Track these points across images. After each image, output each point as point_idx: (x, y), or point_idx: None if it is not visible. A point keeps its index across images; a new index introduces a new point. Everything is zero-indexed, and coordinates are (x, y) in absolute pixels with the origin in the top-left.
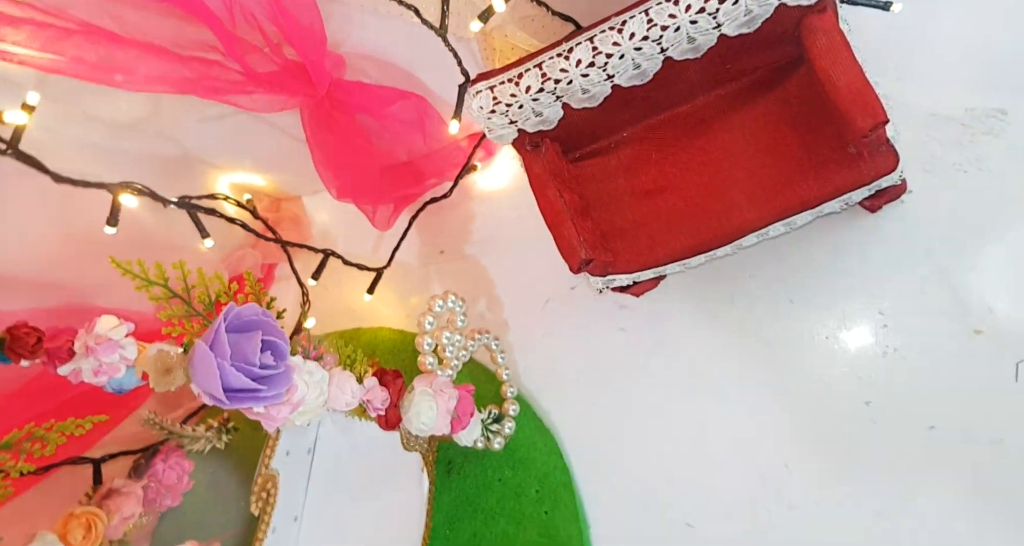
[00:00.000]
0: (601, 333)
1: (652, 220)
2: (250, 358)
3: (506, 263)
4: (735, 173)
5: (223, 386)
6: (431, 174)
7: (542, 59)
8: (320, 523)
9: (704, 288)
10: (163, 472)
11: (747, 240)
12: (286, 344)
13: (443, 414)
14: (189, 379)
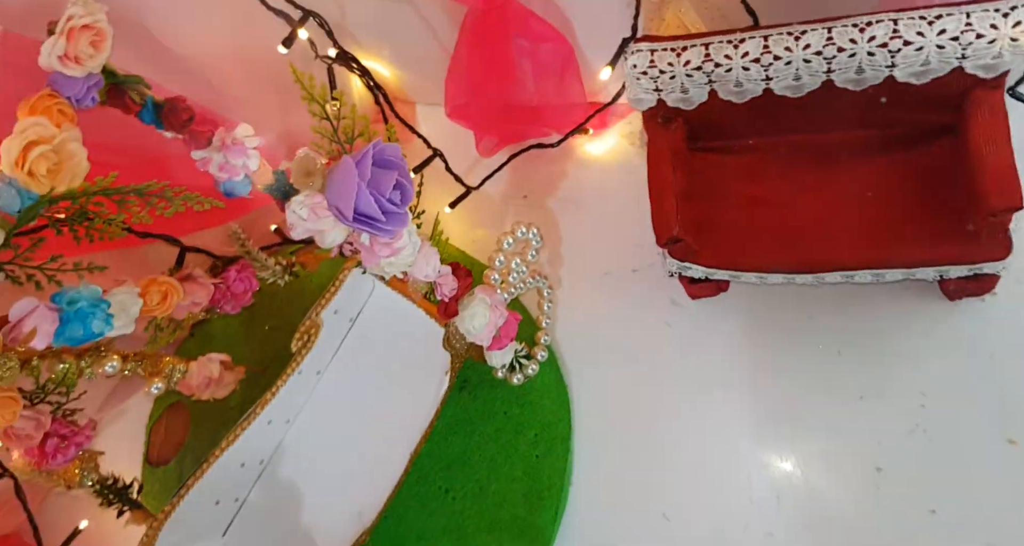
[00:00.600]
0: (645, 319)
1: (751, 227)
2: (383, 191)
3: (579, 227)
4: (848, 211)
5: (354, 205)
6: (547, 123)
7: (711, 40)
8: (335, 388)
9: (760, 314)
10: (234, 280)
11: (832, 277)
12: (412, 192)
13: (491, 326)
14: (323, 188)
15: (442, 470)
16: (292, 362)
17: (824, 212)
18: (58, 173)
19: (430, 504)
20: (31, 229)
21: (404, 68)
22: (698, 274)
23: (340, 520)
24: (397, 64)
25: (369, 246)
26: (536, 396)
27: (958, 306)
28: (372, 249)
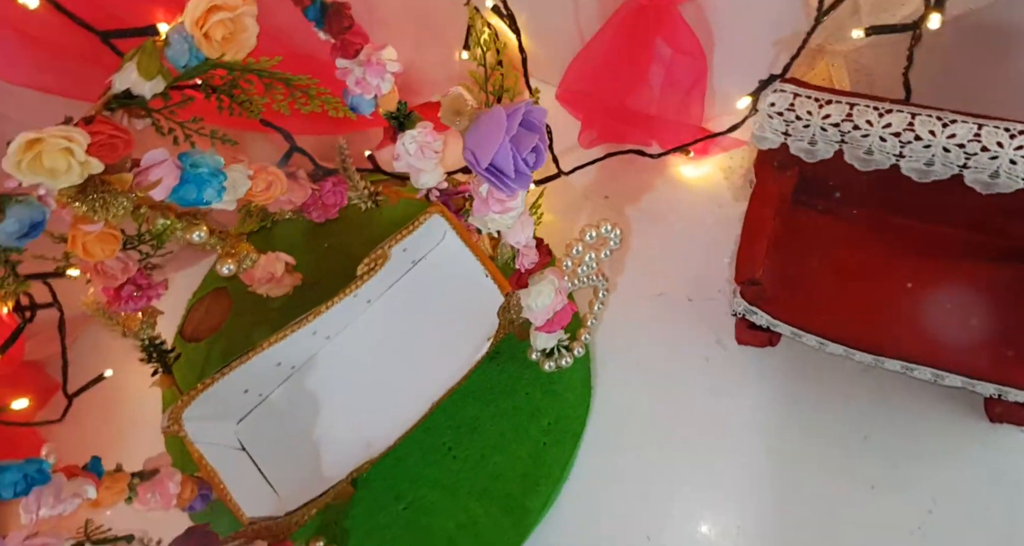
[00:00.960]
0: (685, 349)
1: (834, 294)
2: (522, 150)
3: (649, 242)
4: (936, 307)
5: (492, 155)
6: (655, 133)
7: (858, 102)
8: (379, 320)
9: (800, 377)
10: (328, 191)
11: (892, 364)
12: (544, 159)
13: (550, 309)
14: (464, 130)
15: (451, 429)
16: (352, 284)
17: (913, 301)
18: (230, 42)
19: (431, 456)
20: (184, 86)
21: (532, 38)
22: (761, 322)
23: (349, 443)
24: (527, 32)
25: (484, 198)
26: (561, 387)
27: (996, 428)
28: (487, 201)
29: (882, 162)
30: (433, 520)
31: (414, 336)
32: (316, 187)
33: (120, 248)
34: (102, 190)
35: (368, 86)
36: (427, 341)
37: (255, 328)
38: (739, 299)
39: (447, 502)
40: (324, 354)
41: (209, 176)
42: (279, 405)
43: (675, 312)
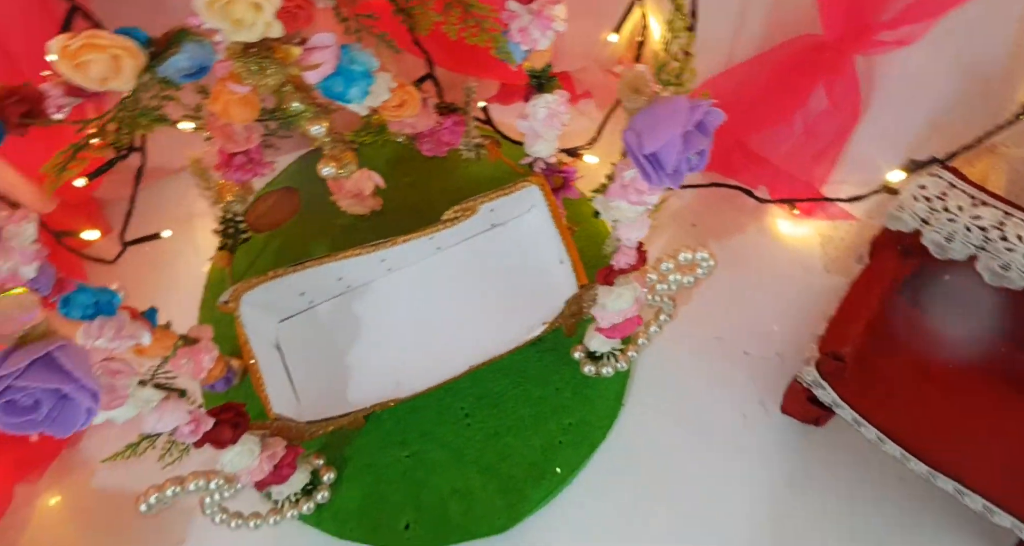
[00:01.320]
0: (725, 401)
1: (913, 395)
2: (688, 150)
3: (723, 284)
4: (1017, 443)
5: (658, 144)
6: (767, 178)
7: (1015, 212)
8: (441, 269)
9: (834, 464)
10: (447, 128)
11: (947, 485)
12: (704, 165)
13: (621, 315)
14: (634, 111)
15: (473, 396)
16: (433, 226)
17: (995, 431)
18: None
19: (447, 416)
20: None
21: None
22: (826, 399)
23: (379, 377)
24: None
25: (626, 183)
26: (592, 394)
27: None
28: (627, 187)
29: (1016, 282)
30: (430, 476)
31: (470, 296)
32: (440, 120)
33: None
34: (264, 55)
35: (529, 37)
36: (481, 305)
37: (315, 238)
38: (812, 369)
39: (449, 464)
40: (381, 284)
41: (360, 76)
42: (324, 317)
43: (727, 360)
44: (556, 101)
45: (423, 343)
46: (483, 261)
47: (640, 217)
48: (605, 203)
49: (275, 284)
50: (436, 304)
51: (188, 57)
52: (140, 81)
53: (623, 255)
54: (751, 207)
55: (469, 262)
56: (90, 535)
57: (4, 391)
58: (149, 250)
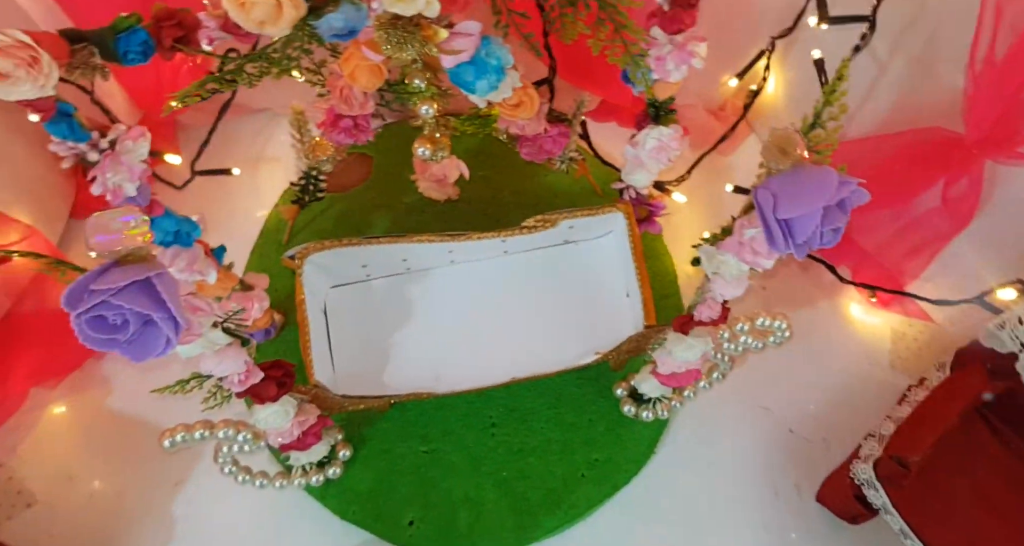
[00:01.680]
0: (761, 474)
1: (969, 518)
2: (826, 224)
3: (782, 355)
4: None
5: (796, 211)
6: (856, 257)
7: None
8: (505, 274)
9: None
10: (551, 136)
11: None
12: (834, 242)
13: (685, 365)
14: (776, 172)
15: (504, 408)
16: (509, 230)
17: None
18: None
19: (472, 421)
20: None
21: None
22: (876, 501)
23: (419, 367)
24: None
25: (744, 241)
26: (626, 434)
27: None
28: (744, 246)
29: None
30: (444, 478)
31: (528, 307)
32: (547, 127)
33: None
34: (410, 31)
35: (663, 67)
36: (537, 319)
37: (379, 211)
38: (869, 467)
39: (466, 470)
40: (442, 273)
41: (494, 69)
42: (378, 292)
43: (770, 433)
44: (669, 135)
45: (471, 343)
46: (548, 275)
47: (742, 276)
48: (712, 254)
49: (345, 251)
50: (492, 307)
51: (343, 18)
52: (292, 31)
53: (708, 309)
54: (827, 283)
55: (534, 272)
56: (91, 453)
57: (97, 306)
58: (214, 183)
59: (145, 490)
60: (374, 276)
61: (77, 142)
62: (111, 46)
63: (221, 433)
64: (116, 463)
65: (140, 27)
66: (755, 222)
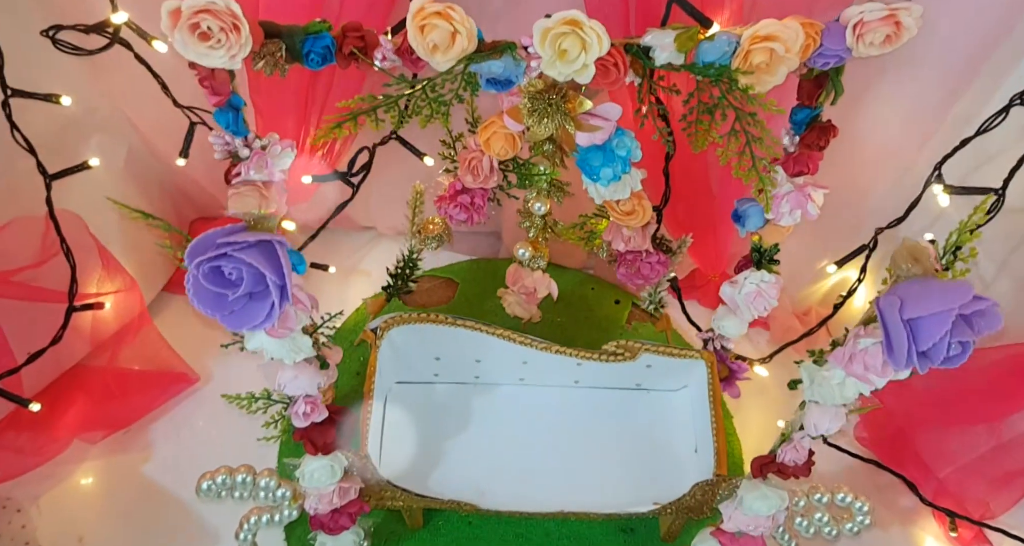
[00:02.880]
0: None
1: None
2: (954, 338)
3: None
4: None
5: (922, 314)
6: (948, 488)
7: None
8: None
9: None
10: (651, 262)
11: None
12: (963, 360)
13: (755, 523)
14: (902, 279)
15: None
16: (588, 352)
17: None
18: (764, 70)
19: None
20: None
21: None
22: None
23: (466, 478)
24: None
25: (857, 353)
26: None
27: None
28: (856, 357)
29: None
30: None
31: (589, 444)
32: (650, 249)
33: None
34: (554, 101)
35: (779, 209)
36: (596, 458)
37: None
38: None
39: None
40: (508, 391)
41: (621, 160)
42: (441, 397)
43: None
44: (771, 282)
45: (524, 467)
46: (614, 416)
47: (843, 407)
48: (815, 372)
49: (424, 330)
50: (552, 435)
51: (502, 66)
52: (454, 67)
53: (794, 450)
54: (904, 505)
55: (600, 410)
56: (111, 518)
57: (219, 257)
58: (308, 275)
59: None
60: (442, 379)
61: (235, 136)
62: (298, 45)
63: (263, 482)
64: (132, 534)
65: (328, 33)
66: (872, 333)
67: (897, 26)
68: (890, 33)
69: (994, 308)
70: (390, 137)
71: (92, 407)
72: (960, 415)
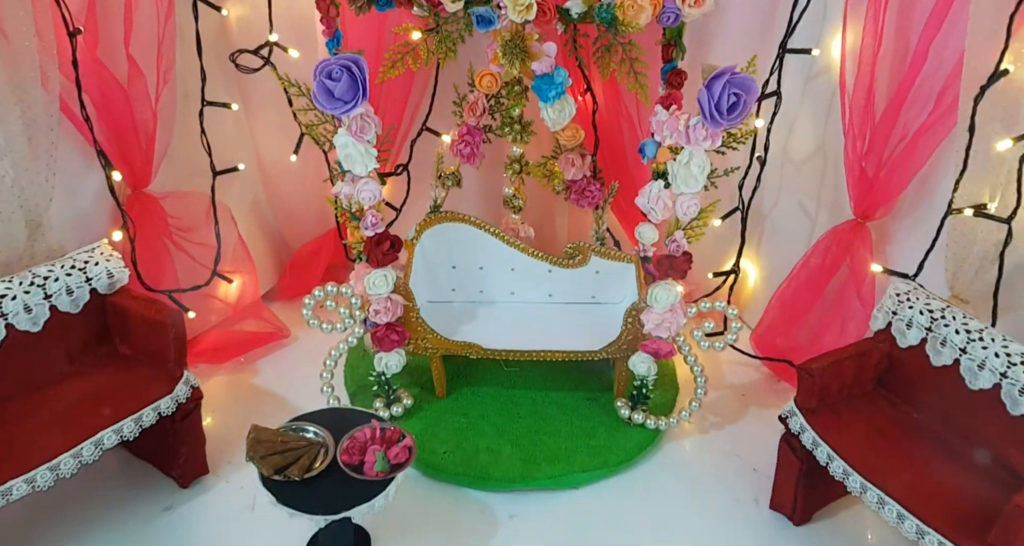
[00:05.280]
0: (726, 487)
1: (870, 443)
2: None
3: (751, 424)
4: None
5: (712, 91)
6: None
7: (952, 306)
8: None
9: None
10: (594, 188)
11: (874, 494)
12: (739, 120)
13: (663, 314)
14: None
15: (531, 408)
16: (554, 257)
17: (913, 469)
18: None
19: (504, 410)
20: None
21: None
22: (807, 440)
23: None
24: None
25: (696, 134)
26: (622, 436)
27: None
28: (696, 135)
29: (948, 357)
30: (473, 436)
31: (560, 322)
32: (590, 177)
33: (490, 94)
34: (518, 44)
35: (662, 132)
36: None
37: None
38: (791, 404)
39: (491, 434)
40: (502, 306)
41: (559, 84)
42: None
43: (738, 470)
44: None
45: (516, 329)
46: (577, 317)
47: (696, 194)
48: (674, 166)
49: (446, 231)
50: (535, 319)
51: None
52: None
53: (675, 242)
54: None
55: (568, 314)
56: (232, 407)
57: (328, 67)
58: None
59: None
60: (457, 294)
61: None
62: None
63: (345, 288)
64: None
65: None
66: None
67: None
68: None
69: (751, 79)
70: (422, 130)
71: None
72: (807, 303)
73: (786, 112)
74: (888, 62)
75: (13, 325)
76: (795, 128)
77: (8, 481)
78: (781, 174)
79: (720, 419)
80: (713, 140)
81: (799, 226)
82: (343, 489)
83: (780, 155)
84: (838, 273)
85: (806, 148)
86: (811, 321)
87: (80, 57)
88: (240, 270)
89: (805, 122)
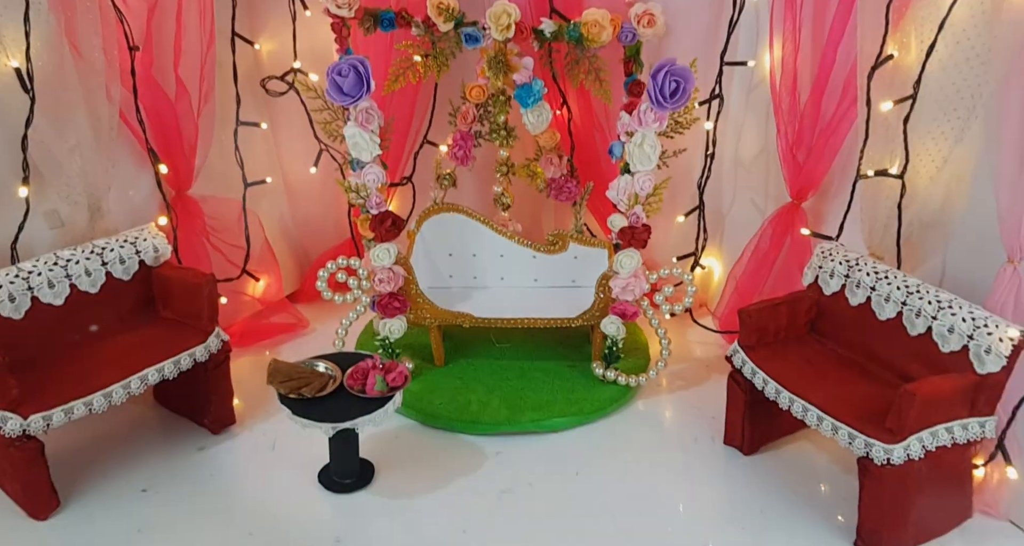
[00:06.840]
0: (686, 426)
1: (795, 366)
2: (669, 83)
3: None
4: (840, 386)
5: (656, 83)
6: None
7: (865, 256)
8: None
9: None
10: (570, 184)
11: (798, 403)
12: (682, 103)
13: (628, 279)
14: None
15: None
16: (538, 244)
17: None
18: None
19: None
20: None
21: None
22: (747, 371)
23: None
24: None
25: (647, 117)
26: (597, 392)
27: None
28: (648, 118)
29: (861, 296)
30: (467, 392)
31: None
32: (567, 176)
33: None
34: (501, 60)
35: (626, 132)
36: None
37: None
38: (736, 345)
39: (482, 391)
40: (493, 289)
41: (536, 92)
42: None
43: (700, 418)
44: (631, 181)
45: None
46: (559, 296)
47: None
48: (630, 147)
49: (443, 221)
50: (521, 296)
51: (473, 30)
52: (447, 27)
53: (635, 216)
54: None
55: (551, 296)
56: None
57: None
58: None
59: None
60: (455, 280)
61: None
62: (379, 16)
63: (354, 260)
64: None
65: (392, 11)
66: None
67: (651, 16)
68: (648, 19)
69: (688, 68)
70: (423, 143)
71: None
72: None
73: (734, 120)
74: (807, 63)
75: (76, 285)
76: (743, 133)
77: (70, 401)
78: (735, 176)
79: (685, 382)
80: (660, 122)
81: (753, 220)
82: (349, 405)
83: (732, 159)
84: (782, 251)
85: (752, 150)
86: (763, 296)
87: (138, 73)
88: (266, 271)
89: (750, 127)
